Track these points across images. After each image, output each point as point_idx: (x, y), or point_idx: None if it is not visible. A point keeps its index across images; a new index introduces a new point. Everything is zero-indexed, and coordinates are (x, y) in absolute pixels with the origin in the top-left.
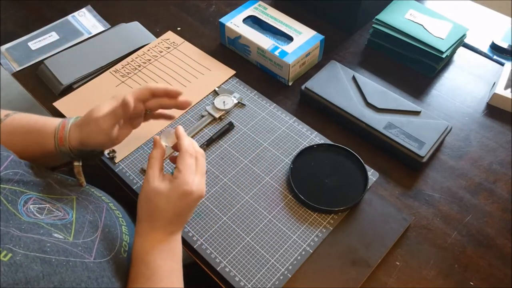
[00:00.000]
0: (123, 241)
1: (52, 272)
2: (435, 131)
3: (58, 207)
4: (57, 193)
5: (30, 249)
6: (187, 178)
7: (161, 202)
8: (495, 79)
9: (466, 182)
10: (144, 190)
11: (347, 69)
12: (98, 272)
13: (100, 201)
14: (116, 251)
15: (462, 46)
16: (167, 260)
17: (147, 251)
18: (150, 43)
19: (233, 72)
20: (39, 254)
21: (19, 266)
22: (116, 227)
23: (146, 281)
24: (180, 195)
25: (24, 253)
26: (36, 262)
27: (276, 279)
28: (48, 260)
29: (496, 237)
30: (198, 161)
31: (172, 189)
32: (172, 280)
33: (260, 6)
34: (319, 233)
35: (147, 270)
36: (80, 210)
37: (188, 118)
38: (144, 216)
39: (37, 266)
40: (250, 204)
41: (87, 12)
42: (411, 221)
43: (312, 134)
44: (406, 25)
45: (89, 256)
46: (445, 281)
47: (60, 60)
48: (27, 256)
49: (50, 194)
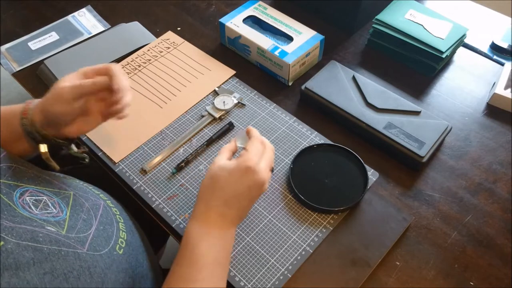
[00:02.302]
0: (119, 238)
1: (43, 259)
2: (435, 131)
3: (54, 202)
4: (55, 187)
5: (22, 239)
6: (252, 155)
7: (223, 177)
8: (495, 79)
9: (466, 182)
10: (209, 171)
11: (347, 69)
12: (91, 263)
13: (97, 199)
14: (110, 248)
15: (462, 46)
16: (212, 249)
17: (196, 236)
18: (150, 43)
19: (233, 72)
20: (31, 243)
21: (10, 253)
22: (112, 224)
23: (187, 265)
24: (243, 171)
25: (16, 242)
26: (28, 250)
27: (276, 279)
28: (39, 248)
29: (496, 237)
30: (266, 152)
31: (236, 164)
32: (213, 271)
33: (260, 6)
34: (319, 233)
35: (191, 255)
36: (75, 208)
37: (188, 118)
38: (203, 195)
39: (28, 253)
40: None
41: (87, 12)
42: (411, 221)
43: (312, 134)
44: (406, 25)
45: (82, 247)
46: (445, 281)
47: (60, 60)
48: (19, 244)
49: (48, 187)
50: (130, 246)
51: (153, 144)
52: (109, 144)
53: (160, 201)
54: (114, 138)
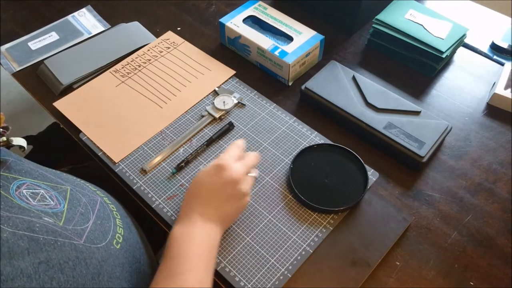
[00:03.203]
0: (117, 233)
1: (39, 249)
2: (435, 131)
3: (52, 195)
4: (52, 181)
5: (18, 228)
6: (225, 155)
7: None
8: (495, 79)
9: (466, 182)
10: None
11: (347, 69)
12: (87, 254)
13: (94, 195)
14: (107, 242)
15: (462, 46)
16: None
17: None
18: (150, 43)
19: (233, 72)
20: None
21: (5, 242)
22: (109, 219)
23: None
24: (216, 168)
25: (12, 231)
26: (23, 240)
27: (276, 279)
28: (35, 238)
29: (496, 237)
30: (246, 156)
31: (211, 164)
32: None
33: (260, 6)
34: (319, 233)
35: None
36: (73, 201)
37: (188, 118)
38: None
39: (23, 243)
40: (250, 204)
41: (87, 12)
42: (411, 221)
43: (312, 134)
44: (406, 25)
45: (79, 239)
46: (445, 281)
47: (60, 60)
48: (15, 233)
49: (45, 181)
50: (127, 242)
51: (153, 144)
52: (109, 144)
53: (160, 201)
54: (114, 138)
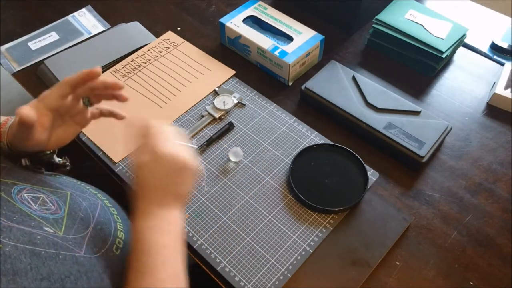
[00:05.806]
0: (117, 237)
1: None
2: (435, 131)
3: (52, 200)
4: (52, 186)
5: (20, 241)
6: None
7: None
8: (495, 79)
9: (466, 182)
10: None
11: (347, 69)
12: (88, 267)
13: (95, 198)
14: (107, 249)
15: (462, 46)
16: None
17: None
18: (150, 43)
19: (233, 72)
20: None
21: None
22: (110, 223)
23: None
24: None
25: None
26: (25, 254)
27: (276, 279)
28: (37, 252)
29: (496, 237)
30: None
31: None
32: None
33: (260, 6)
34: (319, 233)
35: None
36: (73, 206)
37: (188, 118)
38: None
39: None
40: (250, 204)
41: (87, 12)
42: (411, 221)
43: (312, 134)
44: (406, 25)
45: (79, 250)
46: (445, 281)
47: (60, 60)
48: (17, 247)
49: (45, 186)
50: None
51: None
52: (109, 144)
53: None
54: (114, 138)
